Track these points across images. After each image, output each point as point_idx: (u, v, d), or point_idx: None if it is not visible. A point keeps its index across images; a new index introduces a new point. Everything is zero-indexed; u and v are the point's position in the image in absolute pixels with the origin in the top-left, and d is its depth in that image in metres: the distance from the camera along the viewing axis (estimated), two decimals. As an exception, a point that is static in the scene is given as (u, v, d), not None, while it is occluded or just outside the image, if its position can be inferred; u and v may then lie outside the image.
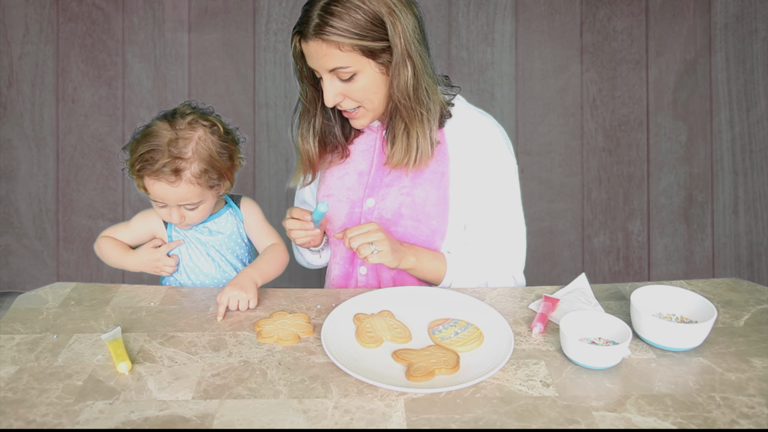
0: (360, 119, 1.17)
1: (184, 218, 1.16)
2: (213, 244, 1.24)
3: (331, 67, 1.08)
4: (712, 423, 0.78)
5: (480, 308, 1.05)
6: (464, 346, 0.94)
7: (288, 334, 0.98)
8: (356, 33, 1.05)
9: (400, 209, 1.21)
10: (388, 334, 0.97)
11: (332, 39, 1.05)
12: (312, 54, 1.08)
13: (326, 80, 1.10)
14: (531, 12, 2.40)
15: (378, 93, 1.13)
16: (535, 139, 2.46)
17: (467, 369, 0.89)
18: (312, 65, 1.11)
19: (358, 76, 1.09)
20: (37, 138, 2.44)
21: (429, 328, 1.00)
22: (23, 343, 0.96)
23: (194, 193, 1.12)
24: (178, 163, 1.09)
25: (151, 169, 1.08)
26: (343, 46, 1.05)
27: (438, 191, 1.20)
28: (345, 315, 1.04)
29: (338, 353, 0.92)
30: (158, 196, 1.13)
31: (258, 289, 1.10)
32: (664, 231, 2.47)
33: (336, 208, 1.25)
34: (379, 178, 1.23)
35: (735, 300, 1.09)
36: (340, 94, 1.11)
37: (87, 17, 2.40)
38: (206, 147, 1.12)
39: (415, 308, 1.06)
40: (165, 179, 1.09)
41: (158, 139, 1.09)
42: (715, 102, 2.41)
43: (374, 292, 1.10)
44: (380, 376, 0.87)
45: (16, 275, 2.51)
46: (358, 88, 1.11)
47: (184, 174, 1.10)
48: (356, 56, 1.07)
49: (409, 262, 1.15)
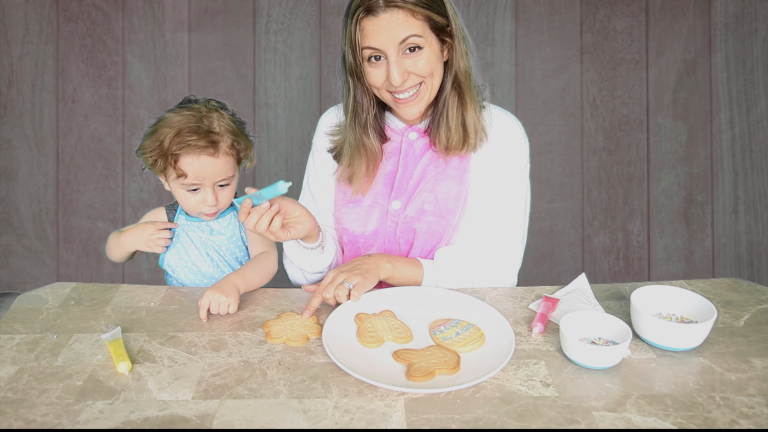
0: (417, 104, 1.16)
1: (217, 201, 1.18)
2: (213, 244, 1.25)
3: (404, 35, 1.08)
4: (712, 423, 0.78)
5: (482, 309, 1.05)
6: (465, 347, 0.94)
7: (297, 335, 0.98)
8: (425, 3, 1.08)
9: (423, 206, 1.21)
10: (389, 334, 0.97)
11: (407, 6, 1.06)
12: (382, 27, 1.08)
13: (392, 57, 1.09)
14: (531, 12, 2.40)
15: (438, 71, 1.15)
16: (535, 139, 2.45)
17: (468, 370, 0.89)
18: (377, 43, 1.09)
19: (424, 50, 1.10)
20: (37, 138, 2.44)
21: (430, 329, 1.00)
22: (23, 343, 0.96)
23: (230, 165, 1.17)
24: (213, 137, 1.14)
25: (194, 145, 1.12)
26: (416, 14, 1.08)
27: (460, 186, 1.21)
28: (347, 315, 1.04)
29: (339, 353, 0.92)
30: (197, 175, 1.14)
31: (239, 295, 1.09)
32: (664, 231, 2.47)
33: (365, 213, 1.24)
34: (405, 181, 1.23)
35: (735, 300, 1.09)
36: (405, 71, 1.11)
37: (87, 17, 2.40)
38: (227, 123, 1.18)
39: (417, 308, 1.06)
40: (206, 153, 1.13)
41: (186, 120, 1.13)
42: (715, 102, 2.41)
43: (376, 292, 1.10)
44: (380, 376, 0.87)
45: (16, 275, 2.51)
46: (424, 63, 1.11)
47: (221, 146, 1.14)
48: (425, 27, 1.09)
49: (385, 269, 1.14)
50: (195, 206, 1.19)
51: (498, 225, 1.22)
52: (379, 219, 1.24)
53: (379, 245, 1.26)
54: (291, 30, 2.41)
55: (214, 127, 1.15)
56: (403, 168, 1.24)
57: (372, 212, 1.24)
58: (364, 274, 1.10)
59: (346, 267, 1.12)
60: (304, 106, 2.45)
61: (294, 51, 2.42)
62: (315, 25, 2.41)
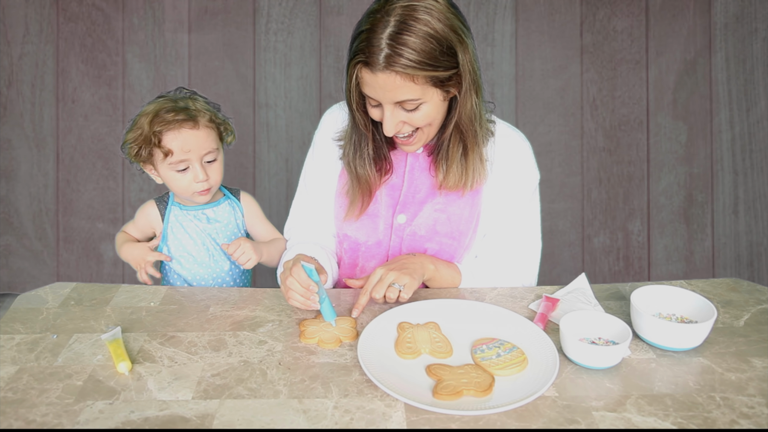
0: (414, 144, 1.13)
1: (207, 176, 1.20)
2: (210, 233, 1.27)
3: (401, 98, 1.02)
4: (712, 423, 0.78)
5: (533, 333, 0.97)
6: (504, 370, 0.88)
7: (330, 337, 0.97)
8: (430, 64, 0.99)
9: (434, 226, 1.20)
10: (427, 347, 0.94)
11: (407, 72, 0.98)
12: (380, 86, 1.01)
13: (388, 110, 1.04)
14: (531, 12, 2.40)
15: (438, 118, 1.09)
16: (535, 139, 2.44)
17: (500, 394, 0.84)
18: (375, 95, 1.04)
19: (423, 106, 1.04)
20: (37, 138, 2.44)
21: (472, 347, 0.95)
22: (23, 343, 0.96)
23: (212, 137, 1.21)
24: (191, 112, 1.18)
25: (173, 120, 1.16)
26: (417, 78, 0.99)
27: (472, 208, 1.20)
28: (390, 321, 1.01)
29: (369, 360, 0.90)
30: (182, 149, 1.17)
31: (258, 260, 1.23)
32: (664, 231, 2.47)
33: (368, 225, 1.23)
34: (411, 195, 1.21)
35: (735, 300, 1.09)
36: (400, 122, 1.07)
37: (87, 17, 2.40)
38: (202, 103, 1.23)
39: (464, 324, 1.01)
40: (186, 126, 1.17)
41: (162, 104, 1.19)
42: (715, 102, 2.41)
43: (426, 302, 1.06)
44: (406, 390, 0.84)
45: (16, 275, 2.51)
46: (421, 117, 1.05)
47: (200, 120, 1.19)
48: (427, 87, 1.02)
49: (429, 271, 1.14)
50: (187, 186, 1.21)
51: (517, 240, 1.23)
52: (383, 231, 1.23)
53: (381, 258, 1.24)
54: (291, 30, 2.41)
55: (191, 105, 1.20)
56: (409, 182, 1.21)
57: (376, 223, 1.23)
58: (412, 274, 1.08)
59: (394, 265, 1.10)
60: (304, 106, 2.45)
61: (294, 51, 2.42)
62: (315, 25, 2.41)
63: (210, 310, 1.07)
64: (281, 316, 1.05)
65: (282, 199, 2.46)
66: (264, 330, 1.01)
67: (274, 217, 1.35)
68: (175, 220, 1.27)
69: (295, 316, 1.05)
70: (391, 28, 0.98)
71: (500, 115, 2.60)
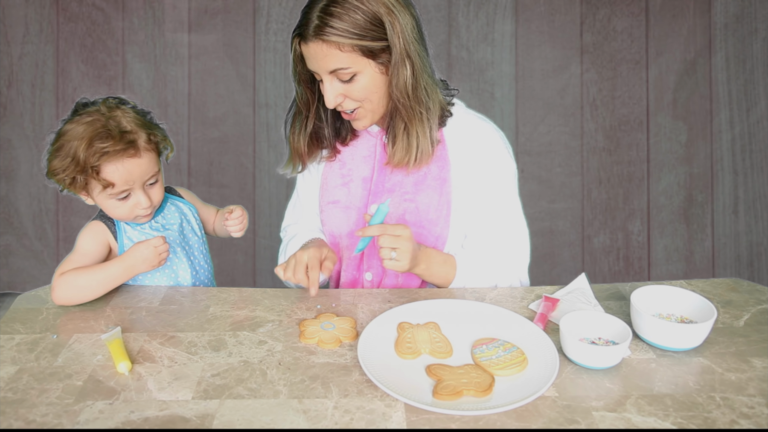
0: (361, 120, 1.17)
1: (150, 200, 1.12)
2: (170, 242, 1.21)
3: (332, 68, 1.08)
4: (712, 423, 0.78)
5: (533, 334, 0.97)
6: (504, 370, 0.88)
7: (330, 337, 0.97)
8: (356, 33, 1.05)
9: (404, 216, 1.21)
10: (427, 347, 0.94)
11: (332, 39, 1.05)
12: (312, 55, 1.08)
13: (326, 82, 1.10)
14: (531, 12, 2.40)
15: (377, 93, 1.13)
16: (535, 139, 2.46)
17: (500, 394, 0.84)
18: (312, 67, 1.10)
19: (358, 77, 1.10)
20: (37, 138, 2.44)
21: (472, 347, 0.95)
22: (23, 343, 0.96)
23: (154, 161, 1.12)
24: (129, 136, 1.06)
25: (113, 150, 1.04)
26: (343, 46, 1.06)
27: (440, 197, 1.21)
28: (390, 322, 1.01)
29: (369, 360, 0.90)
30: (126, 180, 1.08)
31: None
32: (664, 231, 2.47)
33: (341, 215, 1.26)
34: (381, 183, 1.24)
35: (735, 300, 1.09)
36: (340, 95, 1.12)
37: (87, 17, 2.40)
38: (133, 117, 1.10)
39: (464, 324, 1.01)
40: (127, 155, 1.06)
41: (92, 127, 1.05)
42: (715, 102, 2.41)
43: (426, 303, 1.07)
44: (406, 390, 0.84)
45: (16, 275, 2.51)
46: (359, 89, 1.11)
47: (139, 143, 1.08)
48: (356, 56, 1.07)
49: (418, 269, 1.15)
50: (128, 213, 1.12)
51: (501, 229, 1.22)
52: (356, 221, 1.25)
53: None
54: (291, 30, 2.41)
55: (124, 126, 1.07)
56: (378, 172, 1.24)
57: (350, 214, 1.26)
58: (409, 262, 1.09)
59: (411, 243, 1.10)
60: (304, 106, 2.45)
61: (294, 51, 2.42)
62: (315, 25, 2.41)
63: (210, 310, 1.07)
64: (281, 317, 1.05)
65: (282, 199, 2.46)
66: (264, 330, 1.01)
67: (274, 217, 1.36)
68: (129, 241, 1.17)
69: (295, 317, 1.05)
70: (324, 2, 1.06)
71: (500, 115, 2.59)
